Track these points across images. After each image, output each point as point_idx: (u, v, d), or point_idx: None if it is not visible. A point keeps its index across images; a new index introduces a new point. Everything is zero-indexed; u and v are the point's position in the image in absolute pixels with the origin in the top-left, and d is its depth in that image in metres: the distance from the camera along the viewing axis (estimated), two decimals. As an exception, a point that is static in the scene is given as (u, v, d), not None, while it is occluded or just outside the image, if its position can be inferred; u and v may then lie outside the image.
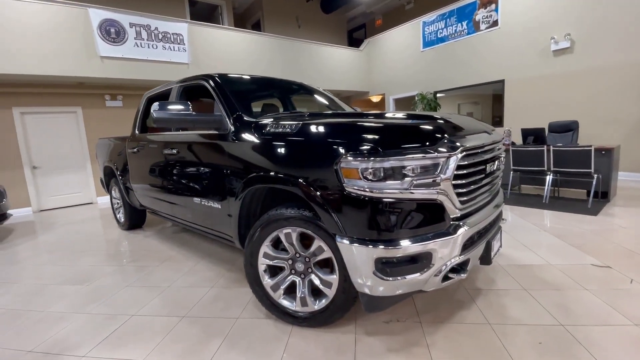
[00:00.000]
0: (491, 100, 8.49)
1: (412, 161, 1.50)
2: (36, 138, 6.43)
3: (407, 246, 1.51)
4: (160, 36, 6.58)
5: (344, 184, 1.55)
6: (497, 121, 7.75)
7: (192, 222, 2.87)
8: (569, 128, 5.35)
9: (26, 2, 5.36)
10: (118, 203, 4.57)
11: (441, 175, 1.53)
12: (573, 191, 5.15)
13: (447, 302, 2.12)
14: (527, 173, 4.95)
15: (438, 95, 8.71)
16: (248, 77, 3.04)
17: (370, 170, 1.49)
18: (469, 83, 7.91)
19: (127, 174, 3.92)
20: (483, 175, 1.78)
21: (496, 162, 1.94)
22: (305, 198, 1.70)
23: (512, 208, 4.51)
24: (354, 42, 12.22)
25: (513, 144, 5.66)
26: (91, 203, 7.07)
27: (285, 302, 1.96)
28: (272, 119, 2.11)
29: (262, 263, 1.99)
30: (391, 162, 1.49)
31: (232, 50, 7.77)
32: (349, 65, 10.05)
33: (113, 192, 4.61)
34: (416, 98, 8.74)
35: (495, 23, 7.16)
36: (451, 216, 1.61)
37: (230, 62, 7.69)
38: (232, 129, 2.24)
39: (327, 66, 9.52)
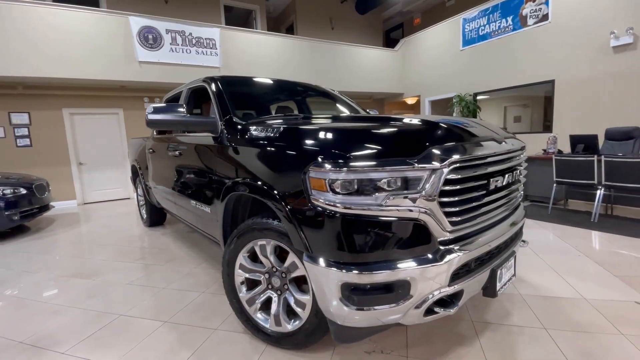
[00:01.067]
0: (542, 102, 7.67)
1: (387, 173, 1.29)
2: (83, 137, 7.03)
3: (378, 272, 1.30)
4: (193, 41, 6.85)
5: (311, 196, 1.38)
6: (547, 126, 6.96)
7: (191, 223, 2.87)
8: (629, 135, 4.59)
9: (73, 11, 5.87)
10: (142, 200, 4.79)
11: (423, 191, 1.30)
12: (631, 209, 4.40)
13: (445, 335, 1.85)
14: (575, 186, 4.33)
15: (480, 97, 8.07)
16: (253, 79, 2.97)
17: (338, 181, 1.31)
18: (513, 84, 7.21)
19: (147, 173, 4.08)
20: (485, 192, 1.50)
21: (508, 175, 1.63)
22: (274, 208, 1.56)
23: (552, 226, 3.95)
24: (391, 42, 11.82)
25: (559, 152, 5.01)
26: (128, 198, 7.56)
27: (260, 319, 1.83)
28: (257, 123, 2.00)
29: (239, 275, 1.88)
30: (362, 174, 1.29)
31: (262, 53, 7.87)
32: (382, 67, 9.73)
33: (138, 189, 4.84)
34: (453, 100, 8.18)
35: (545, 17, 6.44)
36: (439, 239, 1.37)
37: (260, 64, 7.80)
38: (222, 132, 2.18)
39: (359, 67, 9.29)
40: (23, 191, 4.59)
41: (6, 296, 2.61)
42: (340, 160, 1.32)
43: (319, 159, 1.36)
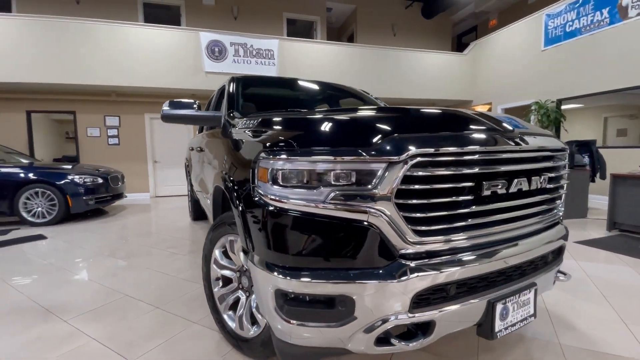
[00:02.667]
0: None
1: (332, 164, 1.09)
2: (159, 138, 8.03)
3: (314, 282, 1.09)
4: (254, 52, 7.32)
5: (255, 187, 1.25)
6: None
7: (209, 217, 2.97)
8: None
9: (157, 29, 6.80)
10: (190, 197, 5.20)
11: (376, 188, 1.06)
12: None
13: (434, 376, 1.49)
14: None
15: (569, 106, 6.85)
16: (275, 79, 2.98)
17: (279, 172, 1.15)
18: (609, 88, 5.93)
19: (191, 171, 4.41)
20: (473, 197, 1.16)
21: (519, 180, 1.25)
22: (229, 201, 1.47)
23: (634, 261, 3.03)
24: (463, 47, 10.93)
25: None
26: (191, 195, 8.35)
27: (228, 318, 1.74)
28: (248, 118, 1.95)
29: (214, 270, 1.82)
30: (301, 164, 1.12)
31: (319, 62, 8.00)
32: (448, 72, 9.03)
33: (189, 185, 5.28)
34: (532, 108, 7.10)
35: (657, 5, 5.18)
36: (400, 251, 1.10)
37: (317, 73, 7.92)
38: (223, 126, 2.19)
39: (422, 74, 8.77)
40: (100, 181, 5.40)
41: (50, 264, 3.04)
42: (286, 149, 1.17)
43: (267, 147, 1.23)
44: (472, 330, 1.87)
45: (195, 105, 2.34)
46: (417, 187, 1.08)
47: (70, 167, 5.45)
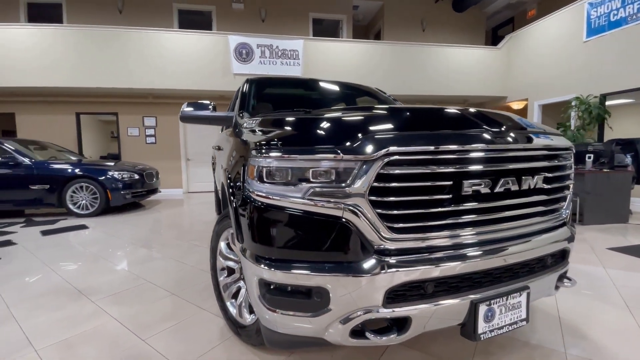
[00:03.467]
0: None
1: (309, 162, 1.14)
2: (191, 138, 8.49)
3: (290, 272, 1.15)
4: (279, 53, 7.50)
5: (245, 184, 1.34)
6: None
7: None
8: None
9: (190, 34, 7.19)
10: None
11: (352, 185, 1.10)
12: None
13: (422, 374, 1.50)
14: None
15: (618, 101, 6.31)
16: (290, 79, 3.07)
17: (263, 169, 1.23)
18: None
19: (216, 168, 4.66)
20: (452, 196, 1.16)
21: (507, 179, 1.22)
22: (227, 197, 1.57)
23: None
24: (500, 40, 10.37)
25: None
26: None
27: (230, 306, 1.85)
28: (253, 118, 2.05)
29: (220, 261, 1.95)
30: (282, 162, 1.18)
31: (344, 61, 8.01)
32: (480, 67, 8.63)
33: (214, 182, 5.56)
34: (572, 103, 6.61)
35: None
36: (375, 247, 1.13)
37: (342, 72, 7.94)
38: (234, 125, 2.31)
39: (452, 69, 8.47)
40: (136, 177, 5.84)
41: (88, 252, 3.37)
42: (270, 148, 1.24)
43: (256, 146, 1.31)
44: (455, 333, 1.84)
45: (210, 107, 2.50)
46: (391, 185, 1.10)
47: (112, 164, 5.95)
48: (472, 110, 1.35)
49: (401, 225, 1.13)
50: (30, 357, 1.64)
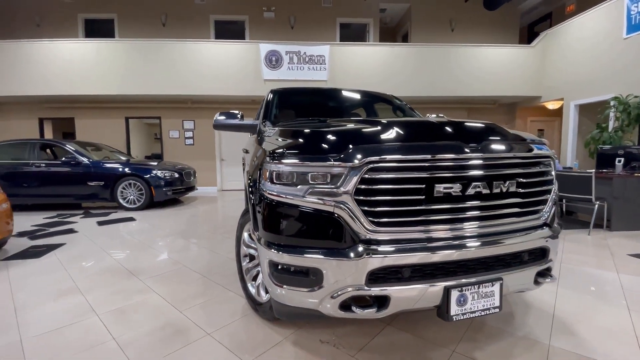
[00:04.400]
0: None
1: (308, 168, 1.42)
2: (225, 140, 9.10)
3: (294, 255, 1.44)
4: (307, 59, 7.84)
5: (260, 184, 1.64)
6: None
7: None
8: None
9: (219, 43, 7.76)
10: (245, 190, 5.92)
11: (341, 187, 1.37)
12: None
13: (408, 353, 1.71)
14: None
15: None
16: (311, 89, 3.36)
17: (273, 172, 1.53)
18: None
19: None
20: (425, 197, 1.38)
21: (477, 184, 1.42)
22: (247, 196, 1.89)
23: None
24: (536, 37, 9.96)
25: None
26: (250, 190, 9.30)
27: (250, 287, 2.18)
28: (274, 127, 2.36)
29: (243, 249, 2.28)
30: (288, 167, 1.47)
31: (370, 65, 8.16)
32: (513, 67, 8.39)
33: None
34: (610, 103, 6.29)
35: None
36: (361, 237, 1.39)
37: (367, 76, 8.11)
38: (258, 132, 2.65)
39: (482, 69, 8.31)
40: (176, 175, 6.46)
41: (136, 240, 3.90)
42: (280, 156, 1.53)
43: (269, 154, 1.61)
44: (462, 322, 2.02)
45: (239, 116, 2.86)
46: (373, 187, 1.35)
47: (155, 164, 6.61)
48: (452, 121, 1.56)
49: (382, 220, 1.37)
50: (93, 320, 2.07)
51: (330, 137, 1.50)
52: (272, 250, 1.50)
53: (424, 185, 1.37)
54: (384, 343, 1.79)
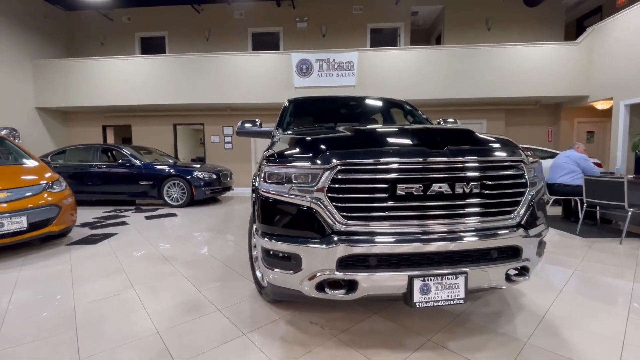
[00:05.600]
0: None
1: (290, 169, 1.69)
2: (260, 144, 9.69)
3: (277, 242, 1.71)
4: (335, 66, 8.12)
5: (258, 183, 1.94)
6: None
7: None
8: None
9: (255, 54, 8.33)
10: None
11: (316, 186, 1.62)
12: None
13: (385, 337, 1.89)
14: None
15: None
16: (321, 99, 3.63)
17: (267, 173, 1.82)
18: None
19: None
20: (387, 195, 1.57)
21: (439, 185, 1.58)
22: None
23: None
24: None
25: None
26: (282, 191, 9.78)
27: (258, 273, 2.49)
28: (285, 133, 2.66)
29: (253, 240, 2.60)
30: (276, 169, 1.75)
31: (400, 69, 8.20)
32: (556, 65, 7.90)
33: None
34: (667, 103, 5.73)
35: None
36: (333, 229, 1.62)
37: (396, 79, 8.17)
38: (272, 138, 2.98)
39: (521, 69, 7.92)
40: (214, 176, 7.08)
41: (175, 233, 4.45)
42: (272, 160, 1.82)
43: (266, 157, 1.90)
44: (444, 313, 2.16)
45: (257, 123, 3.22)
46: (342, 185, 1.58)
47: (198, 166, 7.30)
48: (421, 128, 1.73)
49: (351, 214, 1.59)
50: (131, 294, 2.52)
51: (312, 143, 1.76)
52: (265, 239, 1.78)
53: (387, 185, 1.57)
54: (366, 328, 1.99)
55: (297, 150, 1.76)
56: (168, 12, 9.98)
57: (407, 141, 1.66)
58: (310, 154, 1.67)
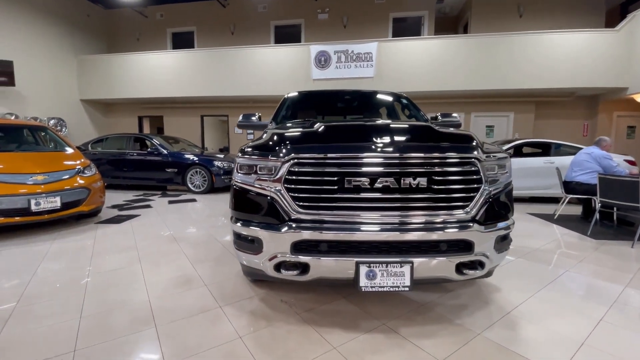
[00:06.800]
0: None
1: (254, 162, 1.88)
2: (279, 134, 9.97)
3: (244, 227, 1.92)
4: (354, 57, 8.11)
5: (234, 174, 2.15)
6: None
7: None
8: None
9: (275, 47, 8.52)
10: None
11: (275, 177, 1.79)
12: None
13: (344, 317, 2.04)
14: None
15: None
16: (321, 92, 3.76)
17: (239, 164, 2.02)
18: None
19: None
20: (337, 187, 1.70)
21: (387, 178, 1.68)
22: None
23: None
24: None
25: None
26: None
27: (243, 256, 2.72)
28: (275, 127, 2.84)
29: (242, 225, 2.84)
30: (244, 161, 1.95)
31: (421, 58, 8.02)
32: (594, 54, 7.32)
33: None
34: None
35: None
36: (290, 216, 1.79)
37: (417, 69, 8.00)
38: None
39: (556, 58, 7.45)
40: (233, 165, 7.46)
41: (192, 217, 4.85)
42: (243, 152, 2.01)
43: (240, 150, 2.10)
44: (409, 302, 2.26)
45: (255, 116, 3.42)
46: (297, 177, 1.74)
47: (222, 156, 7.72)
48: (375, 124, 1.83)
49: (304, 203, 1.75)
50: (137, 267, 2.87)
51: (279, 138, 1.93)
52: (237, 223, 1.99)
53: (336, 178, 1.70)
54: (329, 309, 2.16)
55: (265, 144, 1.94)
56: (197, 7, 10.45)
57: (360, 137, 1.78)
58: (274, 149, 1.84)
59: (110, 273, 2.74)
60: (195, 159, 7.34)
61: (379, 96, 3.63)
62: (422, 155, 1.71)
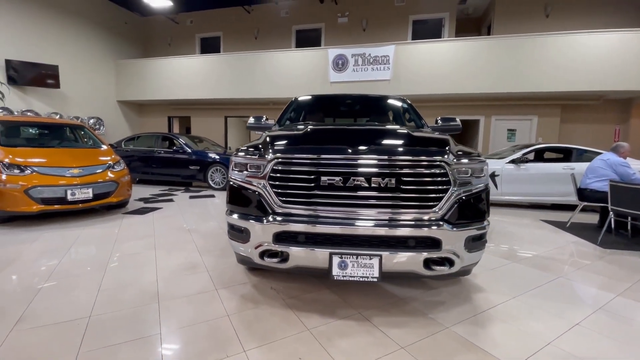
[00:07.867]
0: None
1: (245, 160, 2.13)
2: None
3: (233, 218, 2.16)
4: (371, 60, 8.22)
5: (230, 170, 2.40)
6: None
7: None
8: None
9: (295, 51, 8.81)
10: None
11: (261, 174, 2.03)
12: None
13: (325, 304, 2.23)
14: None
15: None
16: (322, 96, 3.96)
17: (234, 163, 2.27)
18: None
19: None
20: (314, 185, 1.90)
21: (359, 178, 1.86)
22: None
23: None
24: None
25: None
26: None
27: (243, 247, 2.98)
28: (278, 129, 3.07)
29: (243, 219, 3.09)
30: (238, 159, 2.19)
31: (440, 61, 7.98)
32: (625, 55, 6.95)
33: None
34: None
35: None
36: (274, 210, 2.01)
37: (437, 71, 7.96)
38: (270, 133, 3.42)
39: (584, 59, 7.15)
40: (250, 165, 7.83)
41: (208, 211, 5.22)
42: (238, 152, 2.26)
43: (236, 150, 2.35)
44: (389, 295, 2.40)
45: (263, 119, 3.69)
46: (280, 175, 1.95)
47: (238, 154, 8.12)
48: (352, 128, 2.00)
49: (285, 198, 1.96)
50: (151, 254, 3.21)
51: (270, 140, 2.16)
52: (231, 215, 2.24)
53: (313, 177, 1.90)
54: (311, 297, 2.35)
55: (257, 145, 2.18)
56: (223, 13, 11.00)
57: (338, 140, 1.97)
58: (263, 149, 2.07)
59: (128, 257, 3.10)
60: (217, 157, 7.78)
61: (383, 100, 3.78)
62: (390, 157, 1.87)
